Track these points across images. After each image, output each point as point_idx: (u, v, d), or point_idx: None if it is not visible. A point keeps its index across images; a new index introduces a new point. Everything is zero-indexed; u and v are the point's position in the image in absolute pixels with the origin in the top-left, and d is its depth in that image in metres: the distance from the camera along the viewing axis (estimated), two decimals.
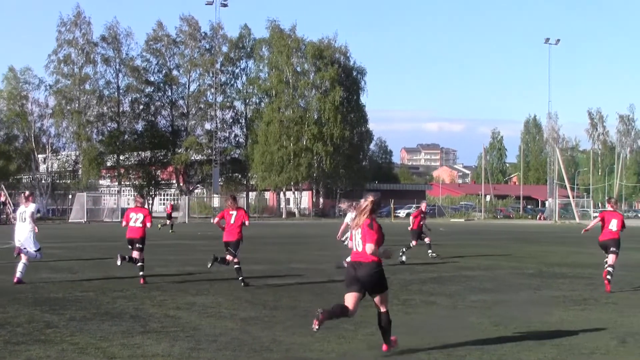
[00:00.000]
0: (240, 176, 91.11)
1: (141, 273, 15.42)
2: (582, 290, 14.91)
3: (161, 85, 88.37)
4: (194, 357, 8.36)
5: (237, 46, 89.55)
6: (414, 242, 22.69)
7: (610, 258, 15.14)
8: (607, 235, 15.29)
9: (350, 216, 21.83)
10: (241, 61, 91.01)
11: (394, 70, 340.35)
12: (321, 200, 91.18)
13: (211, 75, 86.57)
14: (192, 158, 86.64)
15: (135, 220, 15.69)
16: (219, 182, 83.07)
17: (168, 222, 43.09)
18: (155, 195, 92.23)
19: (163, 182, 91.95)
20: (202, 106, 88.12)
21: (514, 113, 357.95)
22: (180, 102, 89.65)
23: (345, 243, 22.93)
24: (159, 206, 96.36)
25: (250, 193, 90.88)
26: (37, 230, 15.61)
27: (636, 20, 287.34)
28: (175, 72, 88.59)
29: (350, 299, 8.39)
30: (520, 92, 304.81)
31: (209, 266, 15.42)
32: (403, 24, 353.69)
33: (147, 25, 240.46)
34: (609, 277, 14.98)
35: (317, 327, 8.16)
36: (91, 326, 10.19)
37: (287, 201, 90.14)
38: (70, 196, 72.76)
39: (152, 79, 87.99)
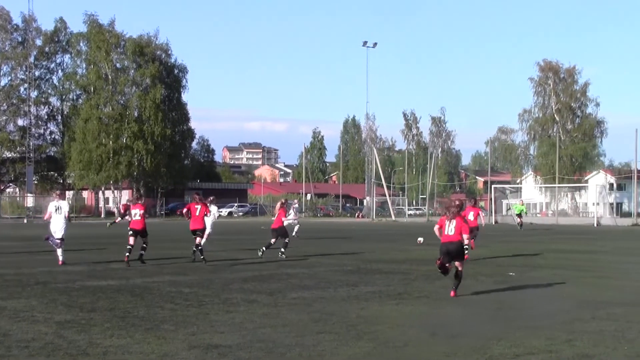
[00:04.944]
0: (56, 175, 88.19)
1: (127, 255, 19.22)
2: (397, 285, 15.48)
3: None
4: None
5: (52, 40, 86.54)
6: (274, 240, 22.68)
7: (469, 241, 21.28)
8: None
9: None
10: (57, 55, 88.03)
11: (216, 69, 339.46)
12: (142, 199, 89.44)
13: (24, 69, 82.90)
14: (4, 155, 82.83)
15: (135, 214, 19.58)
16: (33, 180, 79.83)
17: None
18: None
19: None
20: (14, 101, 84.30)
21: (335, 113, 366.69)
22: None
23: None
24: None
25: (67, 192, 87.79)
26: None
27: (447, 26, 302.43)
28: None
29: (446, 266, 13.20)
30: (340, 93, 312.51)
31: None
32: (223, 23, 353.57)
33: None
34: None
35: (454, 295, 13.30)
36: None
37: (106, 200, 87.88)
38: None
39: None
